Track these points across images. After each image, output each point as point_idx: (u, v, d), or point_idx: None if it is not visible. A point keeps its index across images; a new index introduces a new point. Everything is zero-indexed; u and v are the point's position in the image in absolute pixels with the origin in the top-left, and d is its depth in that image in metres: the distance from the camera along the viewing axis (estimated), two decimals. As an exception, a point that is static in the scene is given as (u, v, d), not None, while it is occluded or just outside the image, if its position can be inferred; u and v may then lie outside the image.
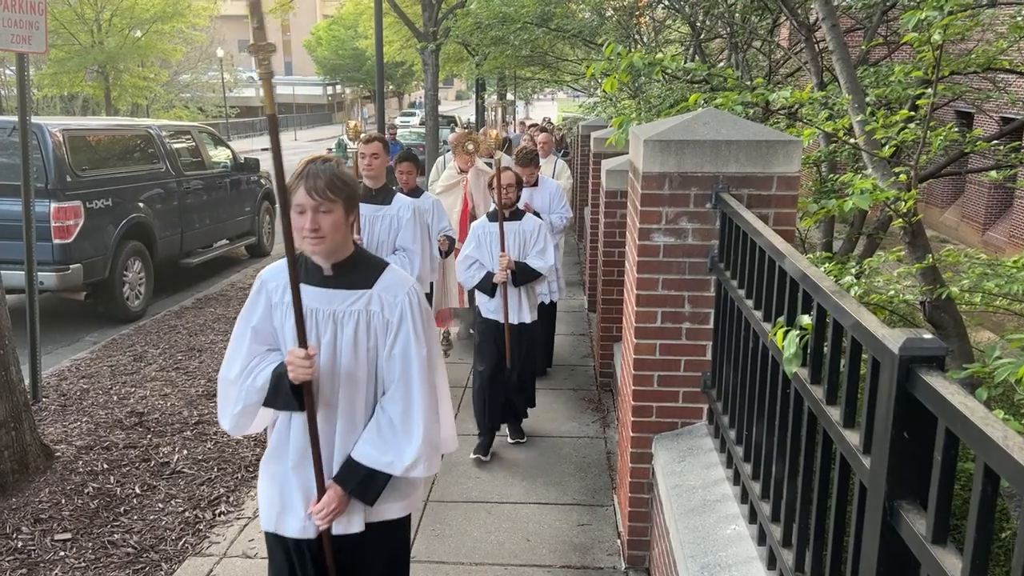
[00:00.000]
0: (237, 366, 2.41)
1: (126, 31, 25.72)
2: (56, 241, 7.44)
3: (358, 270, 2.39)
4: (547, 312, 6.29)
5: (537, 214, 5.69)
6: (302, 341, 2.25)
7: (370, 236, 4.46)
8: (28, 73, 5.86)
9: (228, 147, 11.47)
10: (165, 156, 9.32)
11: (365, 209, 4.39)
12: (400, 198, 4.65)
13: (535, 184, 6.26)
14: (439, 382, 2.49)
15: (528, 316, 4.94)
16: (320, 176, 2.21)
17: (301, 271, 2.37)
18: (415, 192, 5.65)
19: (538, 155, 6.29)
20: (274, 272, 2.44)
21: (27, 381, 5.30)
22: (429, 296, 5.97)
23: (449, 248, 5.83)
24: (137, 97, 28.06)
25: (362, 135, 4.72)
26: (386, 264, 2.45)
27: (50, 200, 7.38)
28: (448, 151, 9.52)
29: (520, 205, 5.04)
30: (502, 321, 4.87)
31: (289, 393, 2.30)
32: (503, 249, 4.73)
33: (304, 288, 2.33)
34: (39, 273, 6.09)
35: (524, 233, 4.87)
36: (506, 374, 4.92)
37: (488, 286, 4.84)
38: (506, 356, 4.88)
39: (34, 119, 7.07)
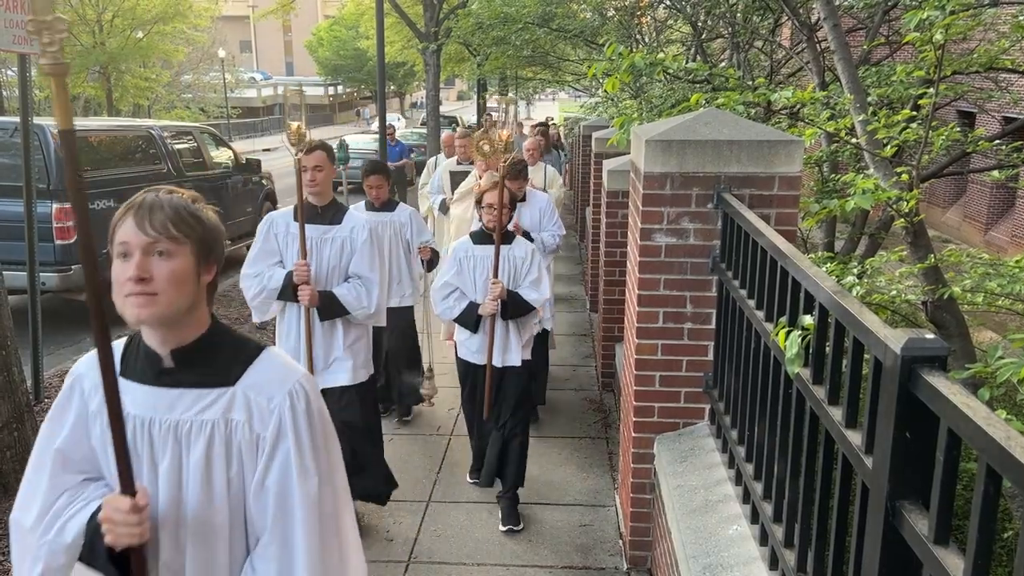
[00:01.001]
0: (35, 508, 1.60)
1: (128, 32, 25.74)
2: (58, 242, 7.44)
3: (214, 357, 1.60)
4: (540, 340, 5.56)
5: (527, 233, 5.20)
6: (126, 483, 1.48)
7: (318, 262, 3.78)
8: (30, 74, 5.86)
9: (230, 148, 11.48)
10: (167, 157, 9.33)
11: (311, 231, 3.75)
12: (352, 216, 3.87)
13: (523, 199, 5.45)
14: (343, 529, 1.69)
15: (516, 357, 4.17)
16: (162, 207, 1.51)
17: (130, 360, 1.60)
18: (389, 206, 5.15)
19: (527, 166, 5.50)
20: (93, 363, 1.57)
21: (29, 381, 5.30)
22: (411, 322, 5.48)
23: (433, 260, 5.29)
24: (139, 98, 28.08)
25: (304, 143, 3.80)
26: (260, 348, 1.65)
27: (52, 201, 7.38)
28: (440, 153, 8.95)
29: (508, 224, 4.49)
30: (482, 363, 4.16)
31: (107, 563, 1.53)
32: (496, 275, 4.02)
33: (129, 387, 1.57)
34: (41, 274, 6.09)
35: (515, 260, 4.14)
36: (490, 427, 4.26)
37: (471, 319, 4.11)
38: (485, 405, 4.18)
39: (36, 120, 7.07)
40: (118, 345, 1.63)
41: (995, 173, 5.80)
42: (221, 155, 10.92)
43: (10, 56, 10.20)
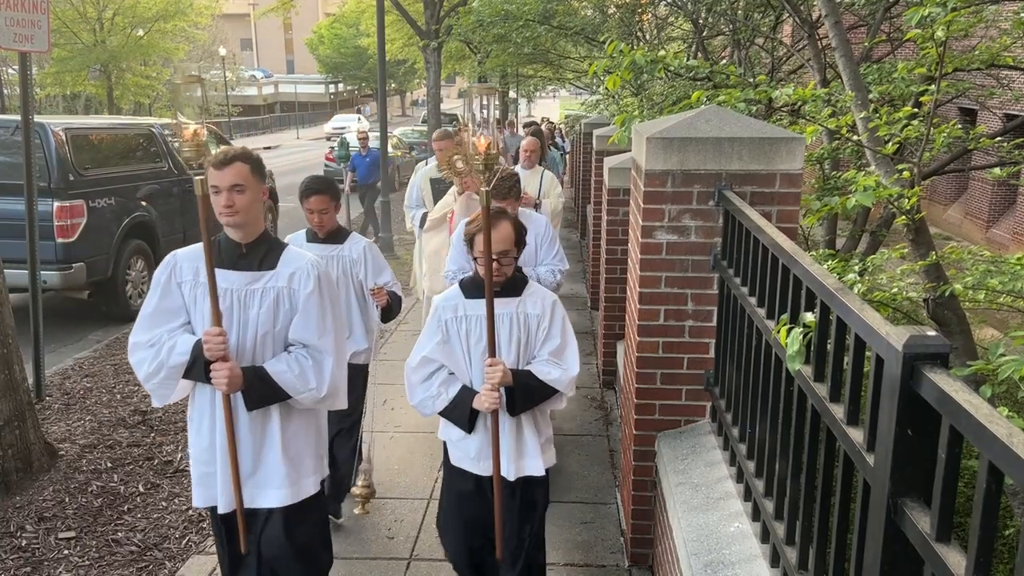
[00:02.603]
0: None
1: (128, 30, 25.77)
2: (59, 240, 7.45)
3: None
4: None
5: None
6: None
7: (242, 327, 2.64)
8: (31, 72, 5.87)
9: (231, 145, 11.49)
10: (167, 155, 9.33)
11: (231, 280, 2.63)
12: (293, 256, 2.72)
13: None
14: None
15: (537, 463, 2.90)
16: None
17: None
18: (336, 236, 3.92)
19: (518, 181, 4.19)
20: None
21: (31, 380, 5.31)
22: (362, 387, 4.02)
23: (391, 308, 3.98)
24: (139, 96, 28.11)
25: (217, 152, 2.64)
26: None
27: (53, 199, 7.39)
28: (432, 158, 6.78)
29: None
30: (487, 474, 2.86)
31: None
32: (492, 351, 2.72)
33: None
34: (42, 272, 6.10)
35: (526, 319, 2.85)
36: (495, 567, 2.99)
37: (464, 414, 2.82)
38: (496, 540, 2.86)
39: (37, 118, 7.08)
40: None
41: (996, 170, 5.79)
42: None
43: (11, 54, 10.22)
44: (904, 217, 3.83)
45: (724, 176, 3.15)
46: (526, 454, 2.89)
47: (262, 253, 2.71)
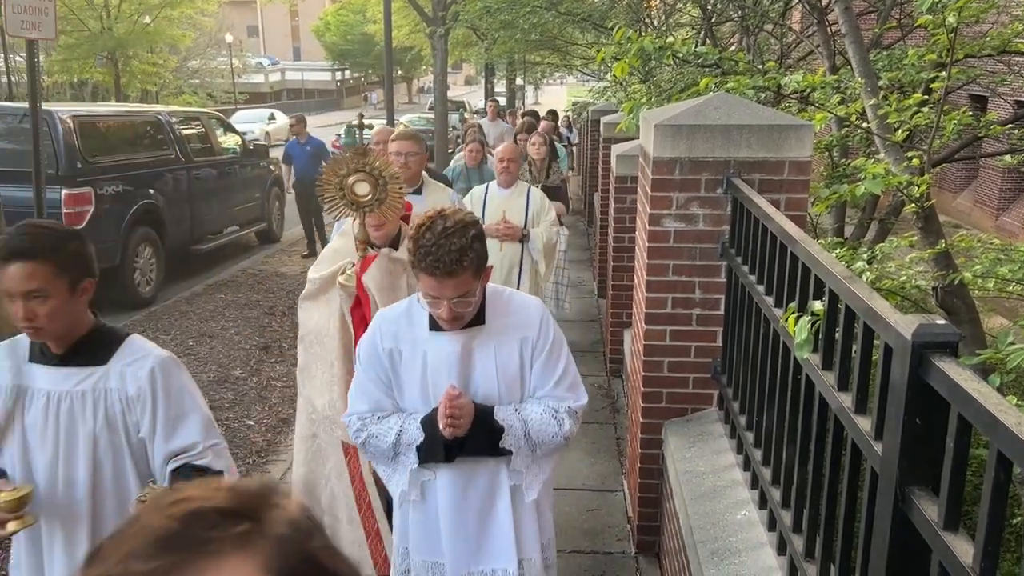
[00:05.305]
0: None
1: (135, 17, 25.74)
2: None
3: None
4: None
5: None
6: None
7: None
8: (38, 60, 5.88)
9: (237, 133, 11.49)
10: (175, 142, 9.34)
11: None
12: None
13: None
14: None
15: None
16: None
17: None
18: (90, 348, 1.97)
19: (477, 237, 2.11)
20: None
21: (40, 367, 5.34)
22: None
23: None
24: (146, 83, 28.09)
25: None
26: None
27: (61, 186, 7.40)
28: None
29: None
30: None
31: None
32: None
33: None
34: (51, 259, 6.12)
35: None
36: None
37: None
38: None
39: (44, 106, 7.09)
40: None
41: (1007, 158, 5.76)
42: (229, 140, 10.93)
43: (18, 42, 10.23)
44: (913, 205, 3.81)
45: (732, 163, 3.13)
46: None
47: None
